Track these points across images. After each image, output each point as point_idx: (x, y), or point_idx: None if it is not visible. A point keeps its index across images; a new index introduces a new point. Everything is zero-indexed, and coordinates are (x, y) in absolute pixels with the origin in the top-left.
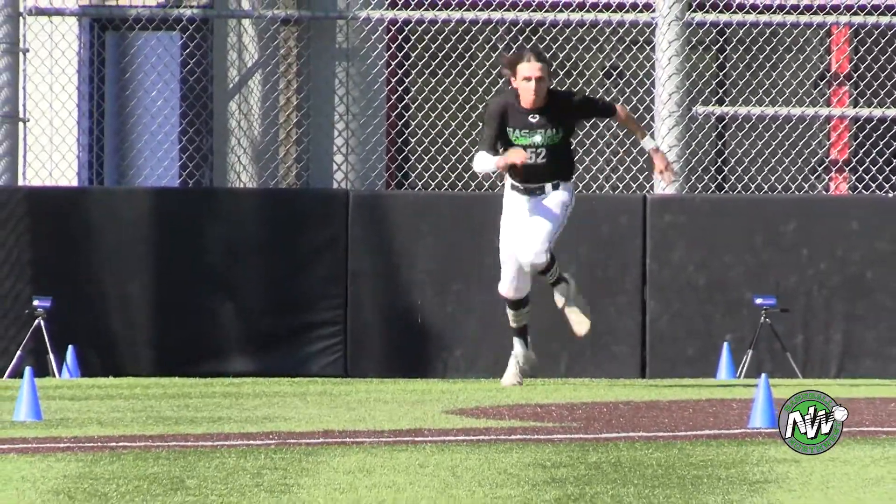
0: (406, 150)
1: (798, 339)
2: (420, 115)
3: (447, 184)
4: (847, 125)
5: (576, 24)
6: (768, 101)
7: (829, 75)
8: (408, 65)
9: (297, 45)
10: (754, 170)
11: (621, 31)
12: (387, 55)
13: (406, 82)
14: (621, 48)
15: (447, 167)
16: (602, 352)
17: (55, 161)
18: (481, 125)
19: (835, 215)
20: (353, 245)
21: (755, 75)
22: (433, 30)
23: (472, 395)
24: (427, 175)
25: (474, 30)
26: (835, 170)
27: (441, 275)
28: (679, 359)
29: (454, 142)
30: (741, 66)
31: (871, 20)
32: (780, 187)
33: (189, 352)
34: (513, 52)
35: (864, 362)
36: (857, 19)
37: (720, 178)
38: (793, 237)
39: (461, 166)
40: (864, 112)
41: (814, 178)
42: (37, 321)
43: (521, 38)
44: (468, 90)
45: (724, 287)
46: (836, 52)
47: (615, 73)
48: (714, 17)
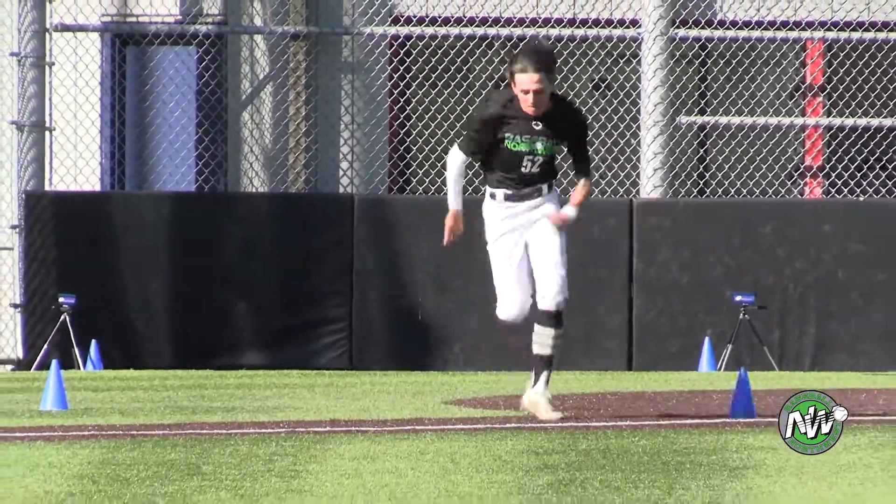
0: (408, 156)
1: (775, 335)
2: (420, 125)
3: (446, 188)
4: (820, 134)
5: (567, 39)
6: (747, 111)
7: (803, 87)
8: (409, 77)
9: (305, 59)
10: (734, 175)
11: (609, 45)
12: (389, 68)
13: (407, 94)
14: (609, 61)
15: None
16: (591, 346)
17: (79, 167)
18: (469, 123)
19: (809, 218)
20: (357, 246)
21: (735, 87)
22: (433, 45)
23: (470, 386)
24: (427, 180)
25: (471, 45)
26: (809, 176)
27: (441, 274)
28: (663, 353)
29: None
30: (721, 78)
31: (843, 36)
32: (758, 192)
33: (205, 346)
34: (514, 55)
35: (837, 356)
36: (829, 35)
37: (702, 183)
38: (770, 239)
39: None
40: (837, 121)
41: (790, 183)
42: (62, 317)
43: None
44: (465, 101)
45: (705, 285)
46: (810, 66)
47: (603, 85)
48: (696, 32)
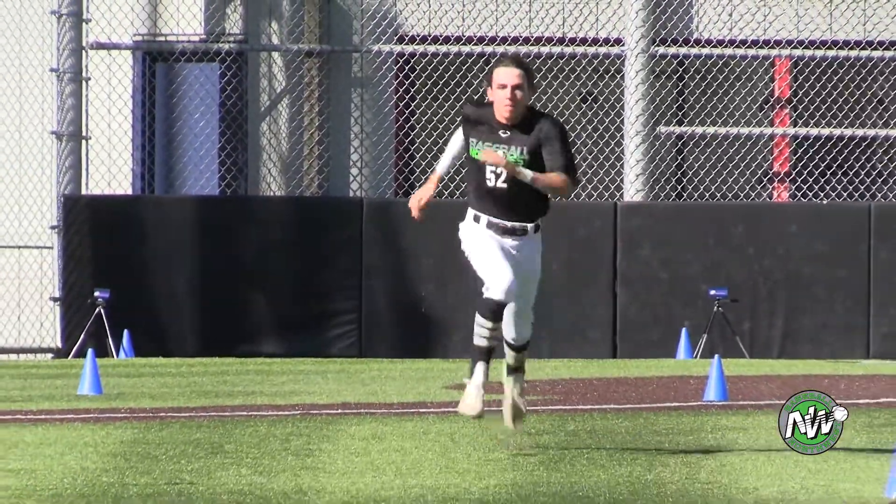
0: (412, 163)
1: (746, 326)
2: (423, 134)
3: (447, 192)
4: (787, 142)
5: (556, 56)
6: (720, 122)
7: (772, 100)
8: (413, 91)
9: (318, 74)
10: (709, 180)
11: (595, 61)
12: (395, 83)
13: (412, 106)
14: (595, 76)
15: (447, 178)
16: (579, 336)
17: (112, 173)
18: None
19: (777, 220)
20: (366, 245)
21: (709, 100)
22: (434, 61)
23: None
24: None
25: (469, 61)
26: (777, 181)
27: (442, 270)
28: (644, 342)
29: None
30: (697, 92)
31: (807, 53)
32: (730, 196)
33: (226, 335)
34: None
35: (803, 345)
36: (795, 52)
37: (679, 187)
38: (741, 238)
39: (459, 177)
40: (802, 131)
41: (759, 188)
42: (97, 310)
43: None
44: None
45: (682, 281)
46: (778, 80)
47: (590, 98)
48: (674, 50)
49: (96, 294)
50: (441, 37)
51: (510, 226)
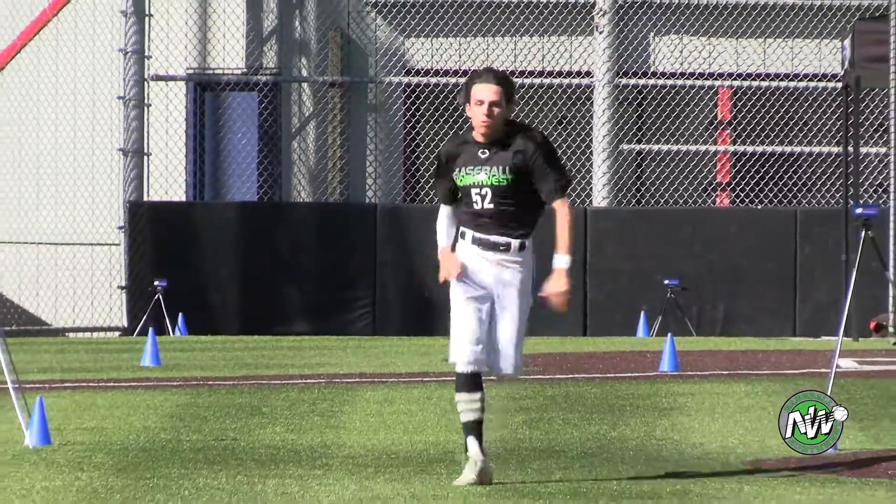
0: (417, 175)
1: (693, 309)
2: (427, 151)
3: None
4: (728, 158)
5: (537, 86)
6: (673, 140)
7: (716, 122)
8: (418, 115)
9: (340, 101)
10: (663, 189)
11: (569, 90)
12: (403, 108)
13: (417, 128)
14: (570, 103)
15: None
16: (555, 318)
17: (169, 183)
18: (435, 172)
19: (719, 222)
20: (379, 242)
21: (664, 122)
22: (436, 90)
23: None
24: (433, 193)
25: None
26: (719, 190)
27: None
28: (610, 323)
29: None
30: (654, 115)
31: (745, 83)
32: (681, 202)
33: (264, 317)
34: (472, 73)
35: (740, 325)
36: (735, 83)
37: (639, 195)
38: (690, 237)
39: None
40: (741, 148)
41: (705, 195)
42: (156, 296)
43: None
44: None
45: (641, 272)
46: (720, 106)
47: (565, 122)
48: (634, 81)
49: (156, 283)
50: (442, 70)
51: (493, 240)
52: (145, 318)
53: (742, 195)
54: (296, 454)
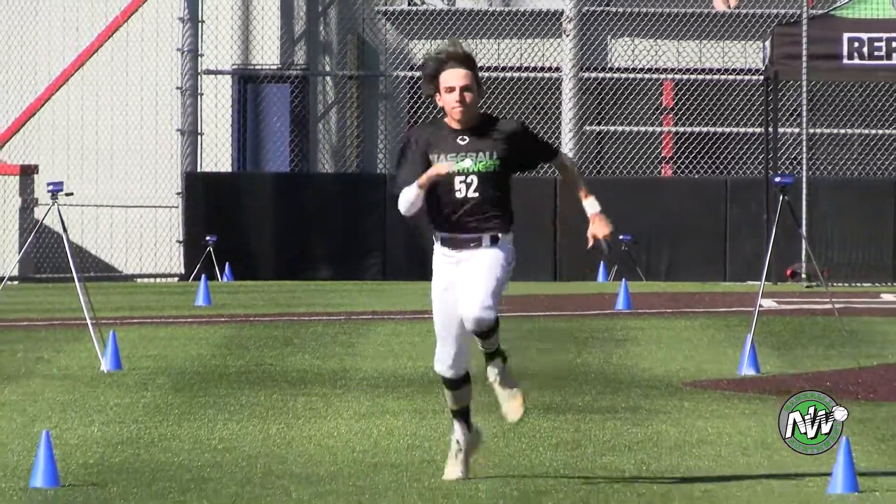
0: None
1: (643, 259)
2: None
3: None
4: (671, 136)
5: (516, 79)
6: (626, 122)
7: (661, 108)
8: (419, 103)
9: (356, 91)
10: (618, 162)
11: (542, 82)
12: (407, 97)
13: (418, 112)
14: (542, 92)
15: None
16: (531, 265)
17: (218, 156)
18: (399, 155)
19: (665, 189)
20: (388, 204)
21: (619, 108)
22: None
23: None
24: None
25: None
26: (664, 162)
27: None
28: (576, 270)
29: None
30: (611, 102)
31: (685, 77)
32: (633, 172)
33: (295, 265)
34: (431, 60)
35: (681, 272)
36: (676, 76)
37: (599, 167)
38: (642, 201)
39: None
40: (682, 129)
41: (653, 167)
42: (208, 249)
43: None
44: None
45: None
46: (665, 95)
47: (538, 108)
48: (595, 74)
49: (207, 238)
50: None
51: (462, 238)
52: (198, 266)
53: (682, 167)
54: (320, 377)
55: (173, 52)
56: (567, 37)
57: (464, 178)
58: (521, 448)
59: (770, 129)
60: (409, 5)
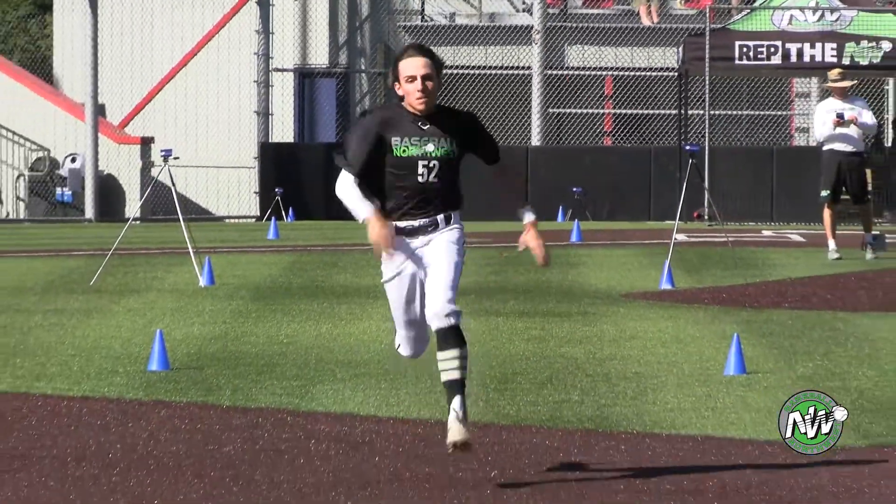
0: None
1: (591, 206)
2: None
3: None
4: (611, 116)
5: (499, 76)
6: (579, 106)
7: (604, 96)
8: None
9: (384, 85)
10: (574, 135)
11: (519, 78)
12: None
13: None
14: (519, 85)
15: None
16: (505, 214)
17: (284, 130)
18: (352, 134)
19: (607, 156)
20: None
21: (573, 95)
22: None
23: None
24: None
25: (455, 79)
26: (606, 135)
27: None
28: (540, 213)
29: None
30: (567, 92)
31: (621, 73)
32: (584, 143)
33: (340, 210)
34: (397, 55)
35: (618, 215)
36: (614, 73)
37: (558, 139)
38: (590, 165)
39: None
40: (619, 111)
41: (598, 139)
42: (276, 198)
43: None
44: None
45: (561, 184)
46: (606, 86)
47: (515, 97)
48: (557, 72)
49: (276, 190)
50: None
51: (419, 224)
52: (269, 210)
53: (619, 139)
54: (358, 291)
55: (251, 55)
56: (535, 44)
57: (427, 162)
58: (502, 341)
59: (682, 112)
60: (422, 21)
